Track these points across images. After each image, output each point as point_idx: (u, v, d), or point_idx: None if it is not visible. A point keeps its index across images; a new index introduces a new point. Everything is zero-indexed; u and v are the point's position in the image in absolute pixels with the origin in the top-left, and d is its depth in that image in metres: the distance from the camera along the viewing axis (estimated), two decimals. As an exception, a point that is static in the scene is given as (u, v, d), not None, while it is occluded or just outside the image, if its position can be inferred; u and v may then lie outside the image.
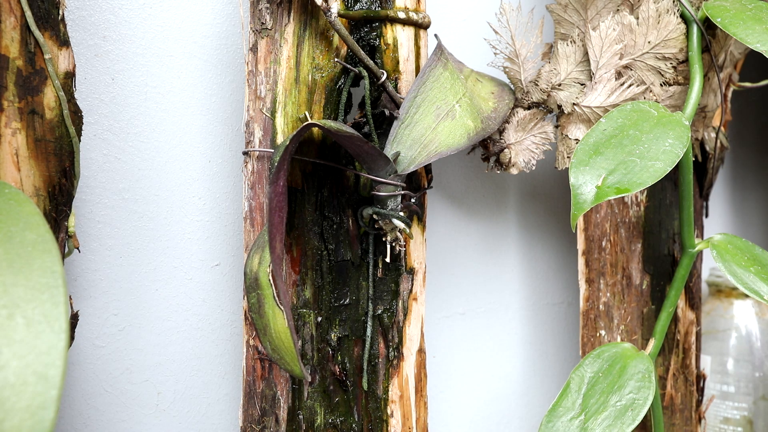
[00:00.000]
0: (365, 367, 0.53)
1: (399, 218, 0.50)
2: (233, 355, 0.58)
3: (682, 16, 0.55)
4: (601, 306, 0.62)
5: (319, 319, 0.52)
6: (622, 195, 0.44)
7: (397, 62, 0.53)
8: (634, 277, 0.63)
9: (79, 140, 0.45)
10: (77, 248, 0.47)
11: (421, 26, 0.54)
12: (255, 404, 0.50)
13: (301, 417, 0.51)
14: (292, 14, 0.50)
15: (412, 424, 0.55)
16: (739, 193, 0.98)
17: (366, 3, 0.52)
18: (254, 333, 0.50)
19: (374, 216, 0.51)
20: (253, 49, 0.49)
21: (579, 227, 0.61)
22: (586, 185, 0.45)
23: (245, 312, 0.50)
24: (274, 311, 0.45)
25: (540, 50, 0.61)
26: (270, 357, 0.46)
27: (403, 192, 0.50)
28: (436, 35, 0.54)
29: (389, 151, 0.51)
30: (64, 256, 0.45)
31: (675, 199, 0.65)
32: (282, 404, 0.51)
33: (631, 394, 0.52)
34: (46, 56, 0.43)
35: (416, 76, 0.54)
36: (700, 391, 0.67)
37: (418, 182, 0.56)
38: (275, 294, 0.45)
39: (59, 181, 0.44)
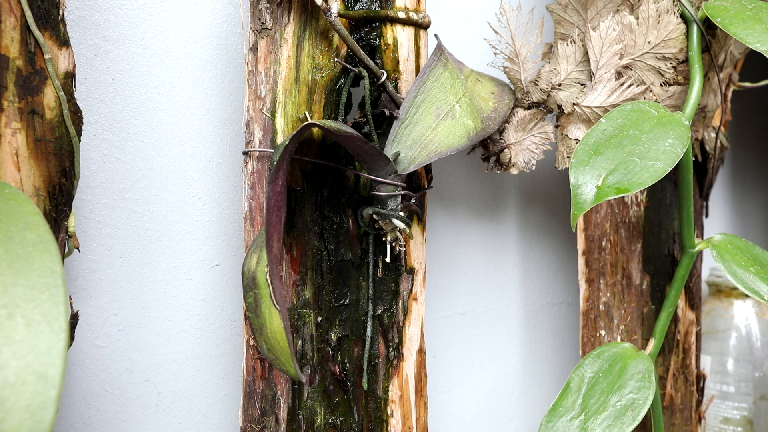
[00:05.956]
0: (365, 367, 0.53)
1: (399, 218, 0.50)
2: (233, 355, 0.58)
3: (682, 16, 0.55)
4: (601, 306, 0.62)
5: (319, 319, 0.52)
6: (622, 195, 0.44)
7: (397, 62, 0.53)
8: (634, 277, 0.63)
9: (79, 140, 0.45)
10: (77, 248, 0.47)
11: (421, 26, 0.54)
12: (255, 404, 0.50)
13: (301, 417, 0.51)
14: (292, 14, 0.50)
15: (412, 424, 0.55)
16: (739, 193, 0.98)
17: (366, 3, 0.52)
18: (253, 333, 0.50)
19: (374, 216, 0.51)
20: (253, 49, 0.49)
21: (579, 227, 0.61)
22: (586, 185, 0.45)
23: (245, 312, 0.50)
24: (271, 311, 0.45)
25: (540, 50, 0.61)
26: (266, 357, 0.46)
27: (403, 192, 0.50)
28: (436, 35, 0.54)
29: (389, 151, 0.51)
30: (64, 256, 0.45)
31: (675, 199, 0.65)
32: (282, 404, 0.51)
33: (631, 394, 0.52)
34: (46, 56, 0.43)
35: (416, 76, 0.54)
36: (700, 391, 0.67)
37: (418, 182, 0.56)
38: (272, 294, 0.45)
39: (59, 181, 0.44)
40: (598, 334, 0.62)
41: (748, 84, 0.65)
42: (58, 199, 0.44)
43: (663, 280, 0.65)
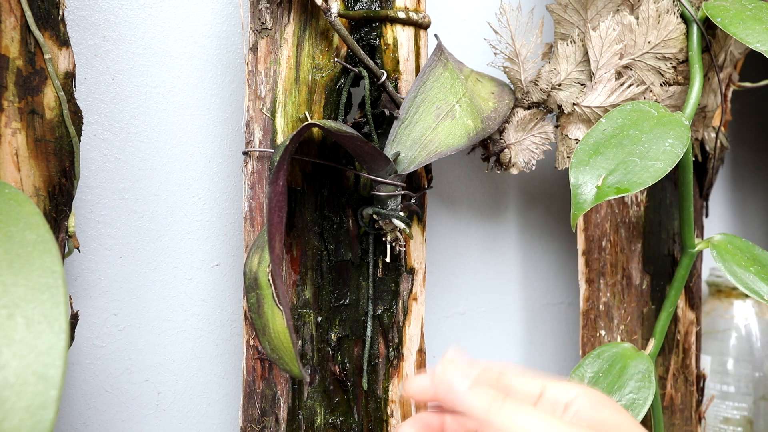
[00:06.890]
0: (365, 367, 0.53)
1: (399, 218, 0.50)
2: (233, 355, 0.58)
3: (682, 16, 0.55)
4: (601, 306, 0.62)
5: (319, 319, 0.52)
6: (622, 195, 0.44)
7: (397, 62, 0.53)
8: (634, 277, 0.63)
9: (79, 140, 0.45)
10: (77, 248, 0.47)
11: (421, 26, 0.54)
12: (255, 404, 0.50)
13: (301, 417, 0.51)
14: (292, 14, 0.50)
15: (412, 424, 0.55)
16: (739, 193, 0.98)
17: (366, 3, 0.52)
18: (254, 333, 0.50)
19: (374, 216, 0.51)
20: (253, 49, 0.49)
21: (579, 227, 0.61)
22: (586, 185, 0.45)
23: (245, 312, 0.50)
24: (273, 311, 0.45)
25: (540, 50, 0.61)
26: (269, 357, 0.46)
27: (403, 192, 0.50)
28: (436, 35, 0.54)
29: (389, 151, 0.51)
30: (64, 256, 0.45)
31: (675, 199, 0.65)
32: (282, 404, 0.51)
33: (631, 394, 0.52)
34: (46, 56, 0.43)
35: (416, 76, 0.54)
36: (700, 391, 0.67)
37: (418, 182, 0.56)
38: (274, 294, 0.45)
39: (59, 181, 0.44)
40: (598, 334, 0.62)
41: (748, 84, 0.65)
42: (58, 199, 0.44)
43: (663, 280, 0.65)
